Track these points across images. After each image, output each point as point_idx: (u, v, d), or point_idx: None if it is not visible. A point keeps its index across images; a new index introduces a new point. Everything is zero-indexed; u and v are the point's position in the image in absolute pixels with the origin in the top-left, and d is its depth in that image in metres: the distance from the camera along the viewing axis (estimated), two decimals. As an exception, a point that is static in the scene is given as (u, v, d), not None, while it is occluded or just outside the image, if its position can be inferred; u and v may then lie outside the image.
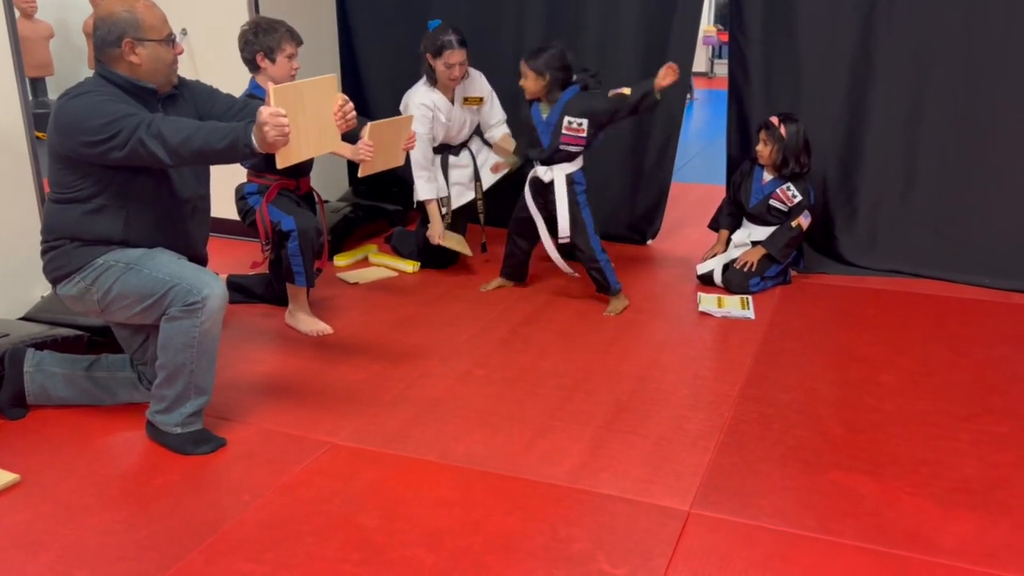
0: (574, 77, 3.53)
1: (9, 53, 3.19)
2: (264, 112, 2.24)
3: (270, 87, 2.31)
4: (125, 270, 2.44)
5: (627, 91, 3.43)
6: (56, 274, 2.52)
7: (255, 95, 3.25)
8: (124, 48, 2.41)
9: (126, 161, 2.34)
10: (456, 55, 3.81)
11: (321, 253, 3.42)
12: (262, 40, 3.27)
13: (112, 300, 2.46)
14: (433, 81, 3.93)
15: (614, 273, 3.61)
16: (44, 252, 2.54)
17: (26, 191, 3.27)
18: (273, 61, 3.28)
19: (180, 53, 2.51)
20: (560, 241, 3.63)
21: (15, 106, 3.22)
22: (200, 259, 2.68)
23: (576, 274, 3.75)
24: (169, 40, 2.47)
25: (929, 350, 3.23)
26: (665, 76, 3.34)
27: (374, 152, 2.86)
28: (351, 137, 2.97)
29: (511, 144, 4.07)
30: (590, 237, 3.57)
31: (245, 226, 3.48)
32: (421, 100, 3.90)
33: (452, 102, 3.98)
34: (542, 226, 3.67)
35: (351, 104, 2.53)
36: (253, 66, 3.33)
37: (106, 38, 2.42)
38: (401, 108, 4.00)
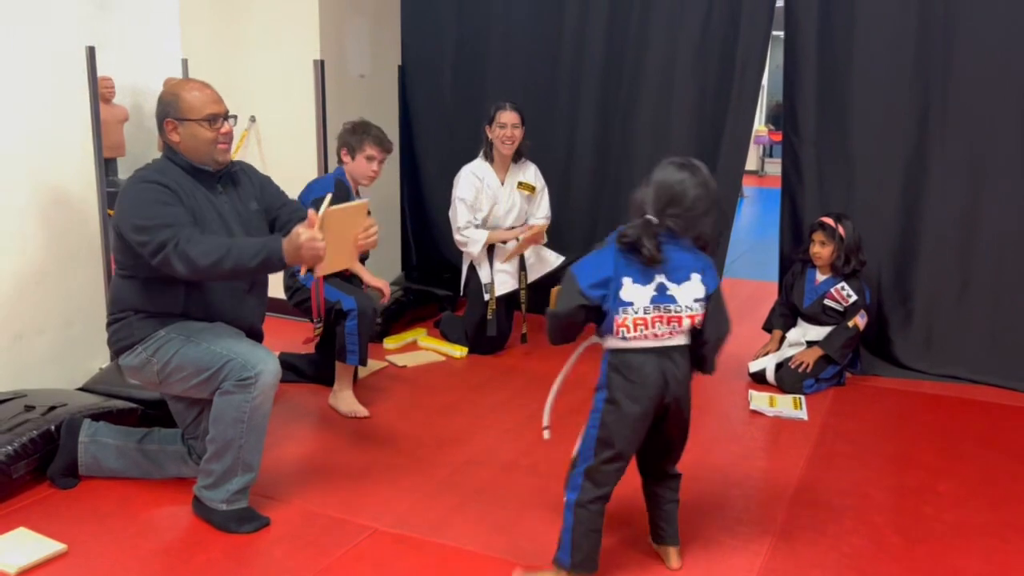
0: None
1: (91, 136, 3.37)
2: (303, 236, 2.30)
3: (313, 214, 2.33)
4: (185, 342, 2.50)
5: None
6: (119, 345, 2.59)
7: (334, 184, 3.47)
8: (166, 128, 2.55)
9: (156, 265, 2.40)
10: (507, 115, 4.03)
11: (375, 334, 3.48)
12: (349, 137, 3.58)
13: (171, 371, 2.52)
14: (489, 158, 4.11)
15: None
16: (109, 324, 2.63)
17: (94, 266, 3.39)
18: (353, 158, 3.57)
19: (226, 133, 2.59)
20: None
21: (92, 185, 3.38)
22: (256, 334, 2.73)
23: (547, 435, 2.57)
24: (209, 119, 2.54)
25: (988, 459, 3.12)
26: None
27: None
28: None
29: (541, 233, 4.17)
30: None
31: (291, 304, 3.56)
32: (471, 169, 4.12)
33: (503, 183, 4.11)
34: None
35: (376, 227, 2.57)
36: (338, 158, 3.63)
37: (158, 119, 2.58)
38: (454, 181, 4.13)
